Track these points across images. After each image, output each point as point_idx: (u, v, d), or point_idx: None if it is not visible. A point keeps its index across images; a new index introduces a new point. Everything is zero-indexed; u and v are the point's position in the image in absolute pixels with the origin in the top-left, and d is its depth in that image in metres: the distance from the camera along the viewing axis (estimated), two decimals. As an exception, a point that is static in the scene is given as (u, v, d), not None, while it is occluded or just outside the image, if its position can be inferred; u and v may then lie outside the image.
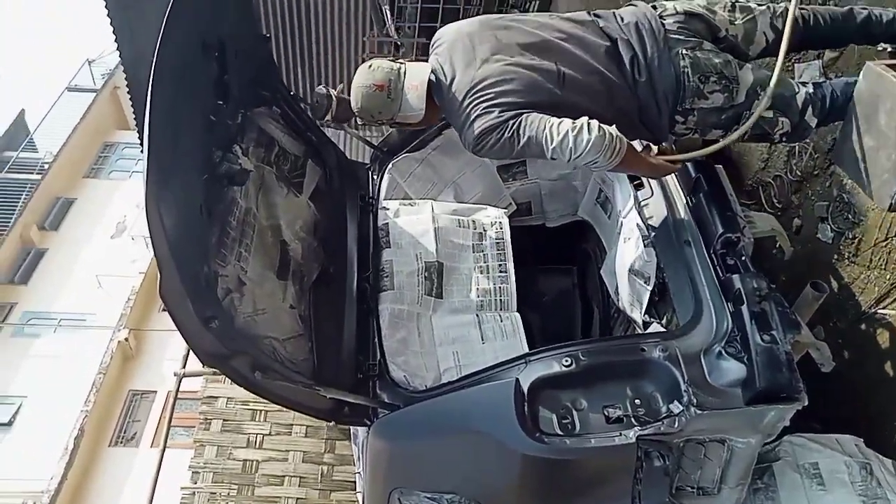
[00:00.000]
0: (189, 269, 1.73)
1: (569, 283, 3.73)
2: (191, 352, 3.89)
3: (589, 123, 1.87)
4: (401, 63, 2.07)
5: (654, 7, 2.12)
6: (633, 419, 1.96)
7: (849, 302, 2.69)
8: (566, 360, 2.06)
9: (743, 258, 2.14)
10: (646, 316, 2.57)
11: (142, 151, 1.72)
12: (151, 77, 1.71)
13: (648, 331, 2.46)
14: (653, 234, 2.45)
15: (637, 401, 2.00)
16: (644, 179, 2.55)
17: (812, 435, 2.38)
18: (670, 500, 2.04)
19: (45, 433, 9.38)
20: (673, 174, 2.36)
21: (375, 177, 3.09)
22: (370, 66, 2.06)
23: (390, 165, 3.06)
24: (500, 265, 2.92)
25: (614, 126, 1.91)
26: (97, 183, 14.00)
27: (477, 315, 2.78)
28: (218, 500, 4.21)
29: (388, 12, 5.26)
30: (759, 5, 2.14)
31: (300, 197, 2.75)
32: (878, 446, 2.38)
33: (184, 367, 5.03)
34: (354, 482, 3.93)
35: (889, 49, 2.29)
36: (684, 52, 2.02)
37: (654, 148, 2.25)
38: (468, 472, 2.16)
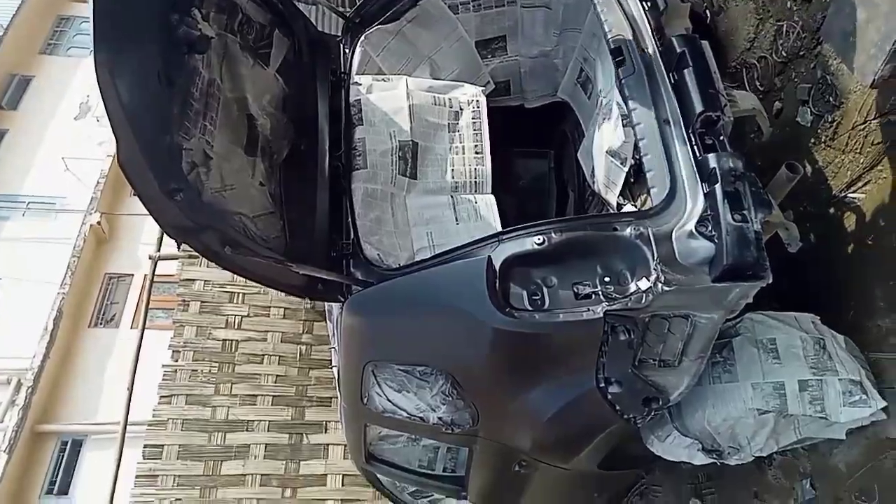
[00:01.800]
0: (149, 138, 1.66)
1: (545, 166, 3.71)
2: (165, 234, 3.86)
3: None
4: None
5: None
6: (601, 295, 2.00)
7: (820, 186, 2.71)
8: (538, 239, 2.07)
9: (721, 138, 2.11)
10: (620, 198, 2.57)
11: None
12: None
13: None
14: (632, 112, 2.38)
15: (606, 278, 2.03)
16: (627, 56, 2.44)
17: (772, 312, 2.48)
18: (633, 371, 2.13)
19: (23, 314, 9.43)
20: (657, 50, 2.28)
21: (347, 50, 2.93)
22: None
23: (363, 38, 2.90)
24: (475, 146, 2.86)
25: None
26: (55, 60, 13.16)
27: (451, 196, 2.76)
28: (199, 376, 4.34)
29: None
30: None
31: (267, 69, 2.60)
32: (833, 324, 2.49)
33: (158, 250, 5.00)
34: (331, 359, 4.05)
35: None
36: None
37: None
38: (440, 345, 2.23)
